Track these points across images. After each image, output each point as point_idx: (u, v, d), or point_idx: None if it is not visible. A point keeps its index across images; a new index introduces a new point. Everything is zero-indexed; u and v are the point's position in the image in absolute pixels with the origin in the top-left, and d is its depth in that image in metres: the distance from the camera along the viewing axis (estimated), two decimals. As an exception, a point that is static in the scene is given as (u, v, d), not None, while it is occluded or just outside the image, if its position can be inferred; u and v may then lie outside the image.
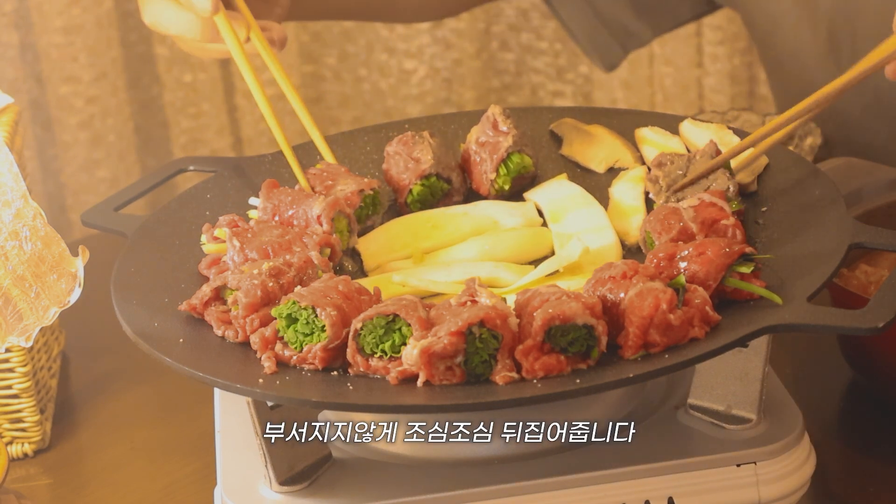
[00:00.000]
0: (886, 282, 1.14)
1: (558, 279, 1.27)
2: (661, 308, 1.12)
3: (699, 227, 1.24)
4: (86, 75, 2.34)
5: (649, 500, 1.18)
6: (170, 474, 1.40)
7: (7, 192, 1.26)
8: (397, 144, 1.43)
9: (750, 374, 1.20)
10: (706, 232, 1.24)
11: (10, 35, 2.29)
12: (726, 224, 1.24)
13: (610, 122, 1.49)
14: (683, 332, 1.13)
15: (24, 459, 1.44)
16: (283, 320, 1.17)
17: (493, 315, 1.13)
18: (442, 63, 2.54)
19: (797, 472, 1.20)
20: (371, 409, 1.18)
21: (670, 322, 1.12)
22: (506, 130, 1.42)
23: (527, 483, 1.17)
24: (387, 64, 2.56)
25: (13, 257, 1.25)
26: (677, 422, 1.22)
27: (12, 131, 1.47)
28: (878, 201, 1.44)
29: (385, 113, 2.61)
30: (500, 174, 1.41)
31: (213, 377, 1.15)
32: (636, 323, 1.12)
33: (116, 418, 1.50)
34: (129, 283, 1.28)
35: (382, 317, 1.15)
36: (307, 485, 1.19)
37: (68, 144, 2.37)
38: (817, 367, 1.45)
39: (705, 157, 1.33)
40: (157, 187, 1.47)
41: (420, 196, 1.41)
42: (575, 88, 2.55)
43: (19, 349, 1.42)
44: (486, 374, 1.13)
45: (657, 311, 1.12)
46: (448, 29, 2.52)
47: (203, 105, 2.41)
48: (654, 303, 1.13)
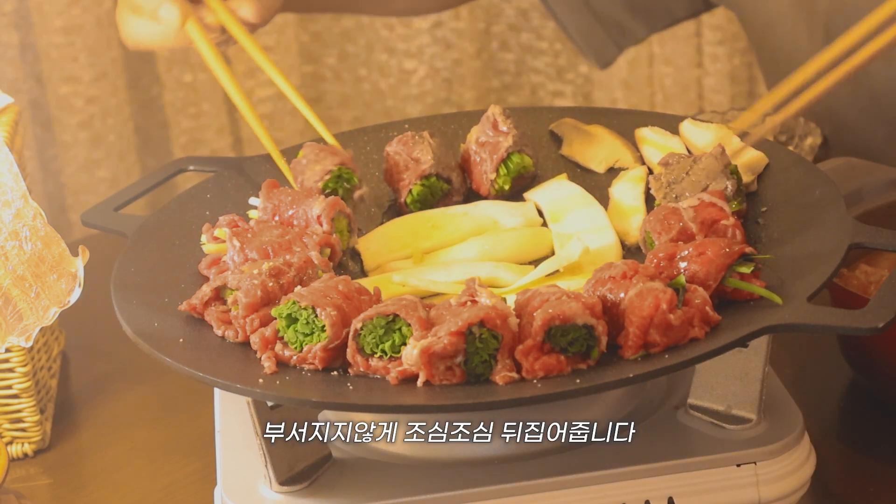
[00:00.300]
0: (886, 282, 1.14)
1: (558, 279, 1.27)
2: (662, 308, 1.12)
3: (699, 228, 1.24)
4: (86, 75, 2.34)
5: (649, 500, 1.18)
6: (170, 474, 1.40)
7: (7, 192, 1.26)
8: (397, 144, 1.43)
9: (750, 374, 1.20)
10: (706, 232, 1.24)
11: (10, 35, 2.29)
12: (726, 224, 1.24)
13: (610, 122, 1.49)
14: (683, 332, 1.13)
15: (24, 459, 1.44)
16: (283, 320, 1.17)
17: (493, 315, 1.13)
18: (442, 63, 2.54)
19: (797, 472, 1.20)
20: (371, 409, 1.18)
21: (670, 322, 1.12)
22: (506, 130, 1.42)
23: (527, 483, 1.17)
24: (387, 64, 2.56)
25: (13, 257, 1.25)
26: (677, 422, 1.22)
27: (12, 131, 1.47)
28: (878, 201, 1.44)
29: (385, 113, 2.61)
30: (500, 174, 1.41)
31: (213, 377, 1.15)
32: (636, 323, 1.12)
33: (116, 418, 1.50)
34: (129, 283, 1.28)
35: (382, 317, 1.15)
36: (307, 485, 1.19)
37: (68, 144, 2.37)
38: (817, 367, 1.45)
39: (710, 159, 1.33)
40: (157, 187, 1.47)
41: (420, 196, 1.41)
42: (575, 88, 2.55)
43: (19, 349, 1.42)
44: (485, 374, 1.13)
45: (657, 311, 1.12)
46: (448, 29, 2.52)
47: (203, 105, 2.41)
48: (654, 303, 1.12)
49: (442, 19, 2.51)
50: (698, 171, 1.32)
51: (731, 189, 1.30)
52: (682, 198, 1.30)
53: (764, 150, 1.38)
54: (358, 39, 2.56)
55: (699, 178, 1.31)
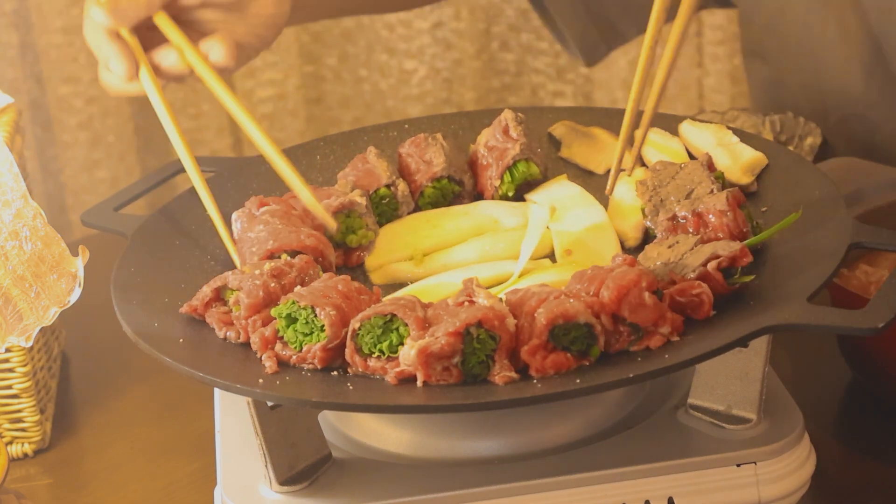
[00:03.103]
0: (886, 282, 1.14)
1: (552, 270, 1.27)
2: (641, 284, 1.13)
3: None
4: (86, 75, 2.34)
5: (649, 500, 1.18)
6: (170, 474, 1.40)
7: (7, 192, 1.26)
8: (409, 146, 1.43)
9: (750, 374, 1.20)
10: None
11: (10, 35, 2.29)
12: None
13: (610, 123, 1.49)
14: (652, 319, 1.13)
15: (24, 459, 1.44)
16: (283, 320, 1.17)
17: (490, 316, 1.13)
18: (442, 63, 2.54)
19: (797, 472, 1.20)
20: (371, 409, 1.18)
21: (644, 301, 1.12)
22: (515, 137, 1.41)
23: (527, 483, 1.17)
24: (387, 64, 2.56)
25: (13, 257, 1.25)
26: (677, 422, 1.22)
27: (12, 131, 1.47)
28: (878, 201, 1.44)
29: (385, 113, 2.61)
30: (504, 182, 1.41)
31: (213, 377, 1.15)
32: (612, 287, 1.13)
33: (116, 418, 1.50)
34: (129, 283, 1.28)
35: (380, 317, 1.15)
36: (307, 485, 1.19)
37: (68, 144, 2.37)
38: (817, 367, 1.45)
39: (696, 165, 1.33)
40: (157, 187, 1.47)
41: (432, 198, 1.41)
42: (575, 88, 2.55)
43: (19, 349, 1.42)
44: (482, 374, 1.13)
45: (636, 285, 1.12)
46: (449, 29, 2.52)
47: (203, 105, 2.41)
48: (635, 277, 1.13)
49: (442, 19, 2.51)
50: (683, 176, 1.32)
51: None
52: (668, 202, 1.30)
53: (764, 150, 1.38)
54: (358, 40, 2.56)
55: (684, 183, 1.31)
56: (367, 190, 1.38)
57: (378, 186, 1.39)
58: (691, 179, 1.31)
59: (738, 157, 1.37)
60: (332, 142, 1.51)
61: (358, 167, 1.41)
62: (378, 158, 1.41)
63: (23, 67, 2.32)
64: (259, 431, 1.16)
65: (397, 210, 1.39)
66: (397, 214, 1.39)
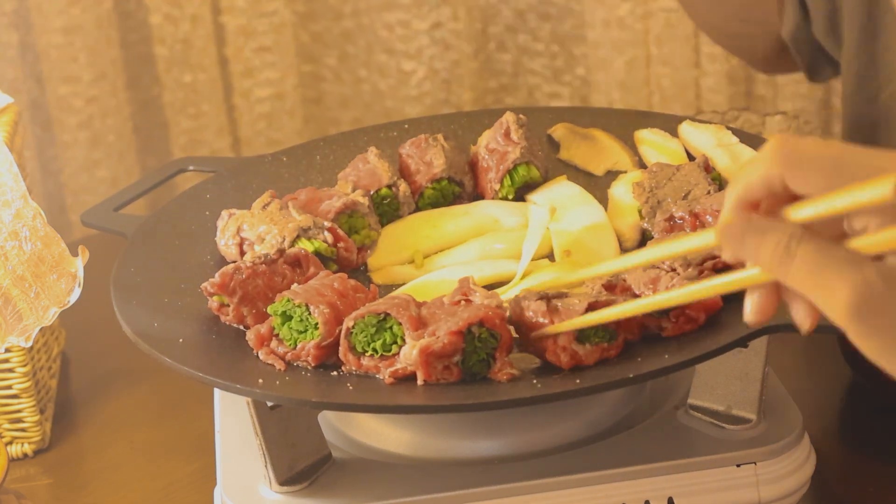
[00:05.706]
0: (886, 282, 1.14)
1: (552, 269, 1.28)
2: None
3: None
4: (85, 75, 2.33)
5: (649, 500, 1.18)
6: (170, 474, 1.40)
7: (7, 192, 1.26)
8: (410, 147, 1.43)
9: (750, 374, 1.20)
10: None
11: (9, 35, 2.29)
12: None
13: (608, 123, 1.49)
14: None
15: (24, 459, 1.44)
16: (278, 317, 1.17)
17: (492, 315, 1.13)
18: (441, 64, 2.54)
19: (797, 473, 1.20)
20: (371, 409, 1.18)
21: None
22: (516, 140, 1.41)
23: (527, 483, 1.17)
24: (386, 65, 2.55)
25: (13, 257, 1.25)
26: (677, 422, 1.22)
27: (12, 131, 1.47)
28: (878, 202, 1.44)
29: (385, 114, 2.61)
30: (504, 185, 1.41)
31: (213, 377, 1.15)
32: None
33: (116, 418, 1.50)
34: (129, 283, 1.28)
35: (374, 315, 1.15)
36: (307, 485, 1.19)
37: (68, 144, 2.37)
38: (817, 367, 1.45)
39: (693, 167, 1.33)
40: (157, 187, 1.47)
41: (432, 199, 1.41)
42: (572, 90, 2.54)
43: (19, 349, 1.42)
44: (482, 372, 1.13)
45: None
46: (447, 30, 2.51)
47: (203, 105, 2.41)
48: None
49: (441, 20, 2.51)
50: (680, 177, 1.33)
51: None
52: (665, 203, 1.30)
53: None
54: (358, 40, 2.55)
55: (681, 185, 1.32)
56: (368, 190, 1.38)
57: (379, 187, 1.39)
58: (688, 181, 1.32)
59: (738, 157, 1.37)
60: (332, 142, 1.52)
61: (359, 167, 1.41)
62: (379, 159, 1.41)
63: (23, 67, 2.32)
64: (259, 431, 1.16)
65: (398, 210, 1.39)
66: (398, 215, 1.40)
